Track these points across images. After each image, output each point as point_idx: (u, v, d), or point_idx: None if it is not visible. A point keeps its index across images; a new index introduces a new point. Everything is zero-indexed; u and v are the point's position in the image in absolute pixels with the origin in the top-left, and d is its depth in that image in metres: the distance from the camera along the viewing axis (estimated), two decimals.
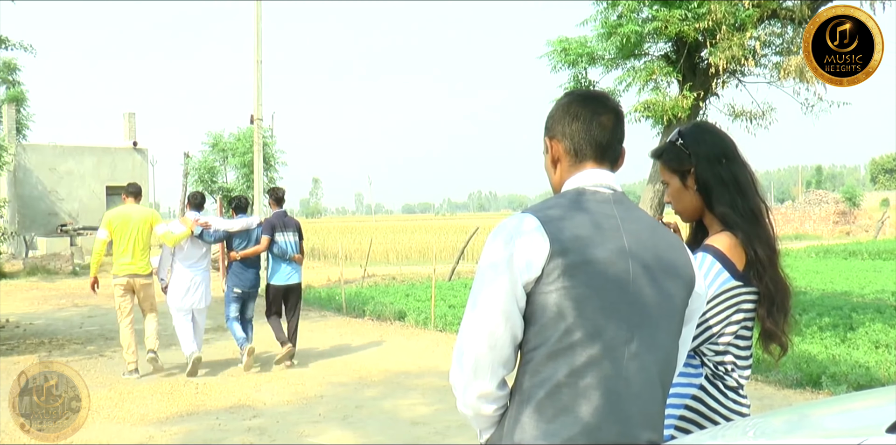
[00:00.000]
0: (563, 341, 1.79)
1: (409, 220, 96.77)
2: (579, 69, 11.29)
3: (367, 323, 12.47)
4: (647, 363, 1.86)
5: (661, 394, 1.92)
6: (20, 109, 31.96)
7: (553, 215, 1.88)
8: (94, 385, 8.15)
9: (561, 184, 2.05)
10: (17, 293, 18.14)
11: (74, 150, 30.24)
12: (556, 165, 2.06)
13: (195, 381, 8.27)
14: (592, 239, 1.85)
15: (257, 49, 17.25)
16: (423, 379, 8.28)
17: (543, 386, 1.80)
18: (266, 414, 6.95)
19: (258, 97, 17.44)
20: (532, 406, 1.80)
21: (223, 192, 28.11)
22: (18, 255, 26.75)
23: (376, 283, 18.48)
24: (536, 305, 1.81)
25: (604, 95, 2.10)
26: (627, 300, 1.85)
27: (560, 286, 1.79)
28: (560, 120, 2.05)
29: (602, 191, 1.97)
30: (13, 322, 12.78)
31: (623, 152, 2.08)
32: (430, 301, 12.45)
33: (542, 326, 1.80)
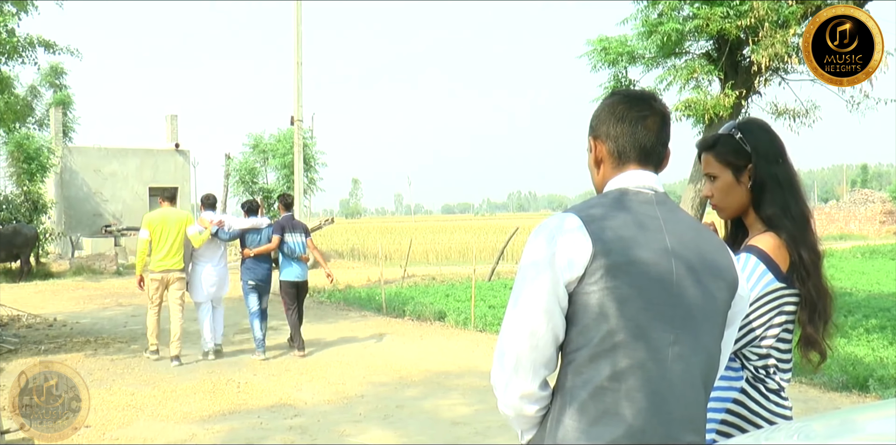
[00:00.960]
0: (606, 342, 1.78)
1: (449, 220, 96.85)
2: (619, 68, 11.22)
3: (407, 323, 12.50)
4: (690, 365, 1.84)
5: (704, 396, 1.90)
6: (66, 112, 32.54)
7: (596, 214, 1.86)
8: (137, 383, 8.28)
9: (603, 184, 2.03)
10: (63, 292, 18.46)
11: (118, 152, 30.71)
12: (600, 165, 2.04)
13: (237, 380, 8.36)
14: (635, 239, 1.84)
15: (297, 51, 17.36)
16: (463, 379, 8.28)
17: (586, 387, 1.79)
18: (307, 413, 7.00)
19: (298, 99, 17.55)
20: (575, 407, 1.79)
21: (264, 193, 28.36)
22: (65, 255, 27.24)
23: (416, 283, 18.52)
24: (579, 305, 1.80)
25: (651, 95, 2.06)
26: (671, 301, 1.83)
27: (603, 287, 1.77)
28: (605, 121, 2.02)
29: (645, 192, 1.95)
30: (60, 321, 13.01)
31: (668, 154, 2.06)
32: (470, 302, 12.44)
33: (585, 326, 1.79)
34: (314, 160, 28.67)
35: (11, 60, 9.95)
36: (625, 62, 11.04)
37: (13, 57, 9.87)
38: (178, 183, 31.07)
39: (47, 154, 25.48)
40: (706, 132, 9.85)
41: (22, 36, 9.87)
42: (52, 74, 33.17)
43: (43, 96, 33.13)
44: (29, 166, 24.57)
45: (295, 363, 9.21)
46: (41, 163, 25.00)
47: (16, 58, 9.92)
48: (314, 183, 28.92)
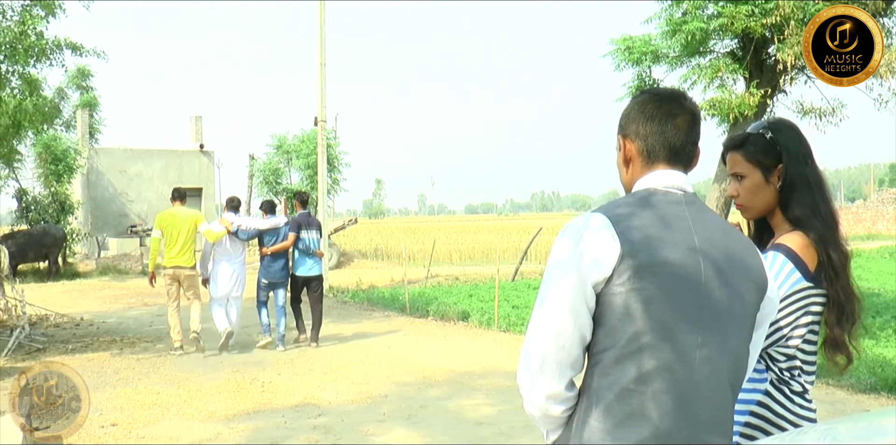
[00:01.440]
0: (633, 343, 1.77)
1: (472, 220, 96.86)
2: (643, 68, 11.18)
3: (430, 323, 12.52)
4: (718, 367, 1.83)
5: (731, 399, 1.89)
6: (93, 113, 32.78)
7: (623, 214, 1.85)
8: (163, 382, 8.34)
9: (632, 183, 2.01)
10: (90, 291, 18.66)
11: (143, 153, 30.95)
12: (629, 164, 2.03)
13: (261, 380, 8.40)
14: (663, 240, 1.82)
15: (321, 52, 17.41)
16: (487, 380, 8.28)
17: (612, 389, 1.78)
18: (331, 413, 7.02)
19: (322, 99, 17.61)
20: (601, 408, 1.79)
21: (287, 193, 28.47)
22: (91, 255, 27.48)
23: (440, 283, 18.54)
24: (606, 306, 1.79)
25: (681, 94, 2.04)
26: (699, 303, 1.82)
27: (630, 288, 1.76)
28: (635, 119, 2.01)
29: (673, 192, 1.94)
30: (87, 321, 13.15)
31: (698, 154, 2.04)
32: (494, 302, 12.44)
33: (612, 327, 1.78)
34: (338, 161, 28.72)
35: (40, 63, 10.06)
36: (649, 61, 10.99)
37: (41, 59, 9.99)
38: (203, 184, 31.27)
39: (74, 155, 25.73)
40: (731, 132, 9.79)
41: (50, 38, 9.98)
42: (78, 76, 33.40)
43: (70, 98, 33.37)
44: (56, 168, 24.83)
45: (319, 363, 9.24)
46: (68, 164, 25.26)
47: (44, 60, 10.03)
48: (338, 183, 28.97)
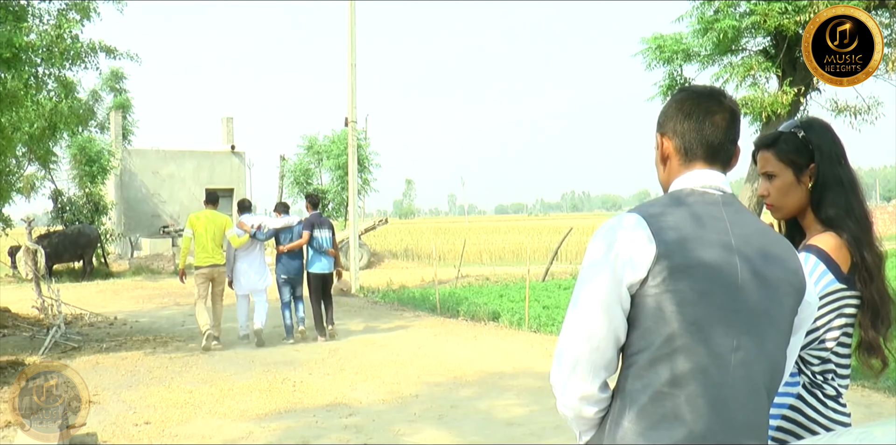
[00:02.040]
0: (668, 346, 1.75)
1: (502, 220, 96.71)
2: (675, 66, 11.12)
3: (461, 323, 12.52)
4: (753, 371, 1.81)
5: (767, 404, 1.87)
6: (126, 115, 33.12)
7: (659, 215, 1.83)
8: (195, 381, 8.42)
9: (669, 182, 1.99)
10: (123, 291, 18.87)
11: (176, 154, 31.22)
12: (666, 162, 2.00)
13: (292, 379, 8.45)
14: (699, 241, 1.80)
15: (351, 53, 17.46)
16: (518, 380, 8.27)
17: (646, 391, 1.77)
18: (362, 413, 7.05)
19: (352, 100, 17.66)
20: (634, 410, 1.78)
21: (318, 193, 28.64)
22: (124, 255, 27.81)
23: (470, 283, 18.54)
24: (640, 307, 1.77)
25: (720, 92, 2.01)
26: (735, 306, 1.80)
27: (665, 290, 1.75)
28: (672, 117, 1.99)
29: (711, 192, 1.91)
30: (121, 320, 13.30)
31: (737, 153, 2.01)
32: (525, 302, 12.42)
33: (646, 329, 1.77)
34: (368, 161, 28.83)
35: (75, 66, 10.19)
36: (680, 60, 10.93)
37: (77, 62, 10.11)
38: (234, 184, 31.48)
39: (108, 157, 26.03)
40: (763, 130, 9.71)
41: (85, 41, 10.11)
42: (112, 78, 33.77)
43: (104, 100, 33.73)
44: (90, 169, 25.14)
45: (350, 363, 9.28)
46: (102, 165, 25.56)
47: (79, 63, 10.16)
48: (368, 184, 29.09)
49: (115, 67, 33.55)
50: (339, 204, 28.81)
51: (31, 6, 10.00)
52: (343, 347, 10.38)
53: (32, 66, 9.88)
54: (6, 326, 12.45)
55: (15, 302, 14.95)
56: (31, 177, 24.12)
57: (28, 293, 14.04)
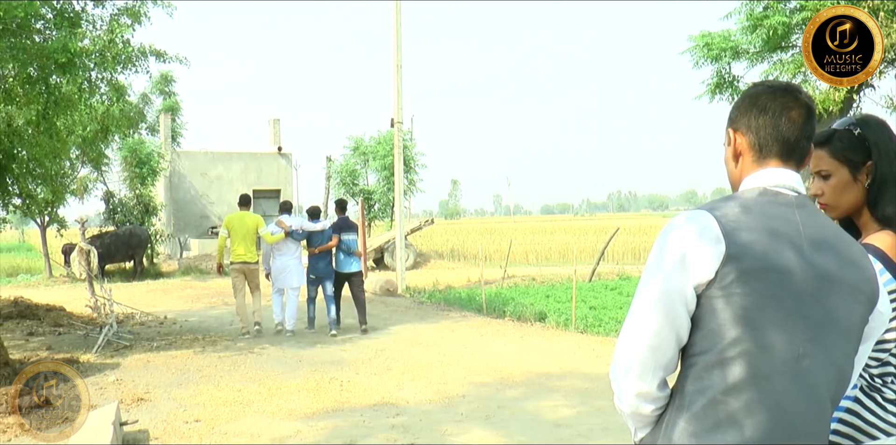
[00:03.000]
0: (731, 350, 1.72)
1: (548, 220, 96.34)
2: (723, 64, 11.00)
3: (507, 324, 12.50)
4: (818, 380, 1.76)
5: (829, 413, 1.82)
6: (175, 118, 33.61)
7: (730, 214, 1.78)
8: (244, 380, 8.51)
9: (740, 180, 1.93)
10: (173, 291, 19.15)
11: (223, 155, 31.61)
12: (738, 159, 1.95)
13: (339, 379, 8.50)
14: (771, 245, 1.75)
15: (397, 54, 17.51)
16: (565, 381, 8.23)
17: (705, 394, 1.74)
18: (409, 412, 7.07)
19: (398, 101, 17.70)
20: (692, 412, 1.75)
21: (364, 194, 28.76)
22: (174, 255, 28.23)
23: (516, 284, 18.49)
24: (706, 309, 1.74)
25: (796, 87, 1.95)
26: (803, 313, 1.75)
27: (733, 292, 1.71)
28: (746, 111, 1.93)
29: (785, 193, 1.86)
30: (171, 319, 13.50)
31: (811, 151, 1.95)
32: (571, 302, 12.36)
33: (710, 331, 1.74)
34: (414, 162, 28.90)
35: (126, 70, 10.36)
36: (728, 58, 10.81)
37: (128, 66, 10.29)
38: (281, 185, 31.79)
39: (157, 159, 26.41)
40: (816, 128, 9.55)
41: (136, 46, 10.28)
42: (162, 81, 34.30)
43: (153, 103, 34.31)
44: (141, 171, 25.51)
45: (397, 363, 9.31)
46: (152, 167, 25.93)
47: (130, 67, 10.34)
48: (414, 184, 29.17)
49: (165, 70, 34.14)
50: (385, 205, 28.93)
51: (84, 12, 10.20)
52: (390, 347, 10.42)
53: (86, 70, 10.07)
54: (62, 324, 12.72)
55: (69, 301, 15.28)
56: (84, 179, 24.66)
57: (82, 292, 14.33)
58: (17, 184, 12.66)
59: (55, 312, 13.75)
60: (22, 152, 11.89)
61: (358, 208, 21.27)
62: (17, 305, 13.77)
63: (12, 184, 12.55)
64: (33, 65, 9.60)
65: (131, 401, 7.62)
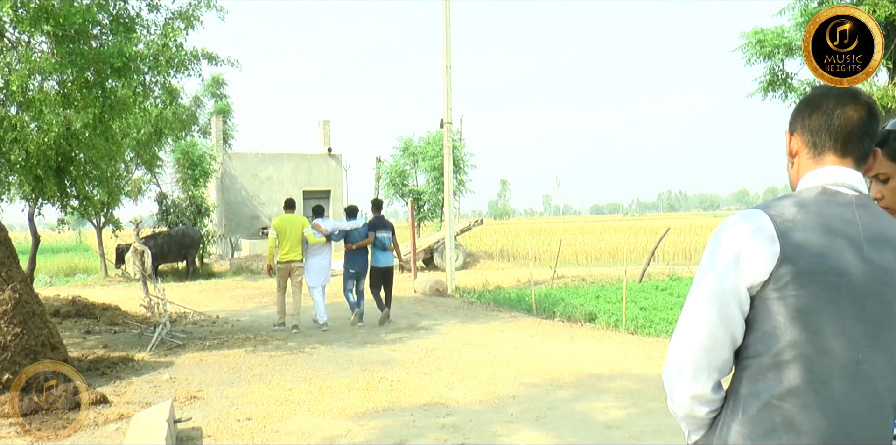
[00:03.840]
0: (787, 353, 1.69)
1: (598, 220, 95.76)
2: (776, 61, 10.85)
3: (557, 324, 12.46)
4: (877, 386, 1.72)
5: (892, 418, 1.77)
6: (226, 120, 34.05)
7: (786, 214, 1.74)
8: (295, 379, 8.60)
9: (797, 180, 1.90)
10: (224, 291, 19.40)
11: (274, 157, 31.89)
12: (794, 159, 1.92)
13: (389, 378, 8.55)
14: (829, 246, 1.71)
15: (446, 54, 17.52)
16: (615, 382, 8.19)
17: (761, 396, 1.72)
18: (459, 413, 7.09)
19: (447, 101, 17.71)
20: (747, 415, 1.73)
21: (414, 195, 28.84)
22: (225, 256, 28.59)
23: (566, 284, 18.42)
24: (760, 310, 1.71)
25: (857, 90, 1.91)
26: (862, 316, 1.71)
27: (788, 294, 1.68)
28: (801, 111, 1.91)
29: (844, 192, 1.81)
30: (222, 318, 13.69)
31: (875, 152, 1.91)
32: (621, 303, 12.29)
33: (765, 334, 1.71)
34: (463, 162, 28.92)
35: (179, 73, 10.55)
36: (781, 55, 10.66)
37: (181, 70, 10.48)
38: (331, 186, 32.00)
39: (209, 160, 26.76)
40: None
41: (188, 50, 10.47)
42: (213, 84, 34.79)
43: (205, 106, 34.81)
44: (193, 172, 25.87)
45: (447, 363, 9.34)
46: (204, 169, 26.28)
47: (183, 71, 10.53)
48: (463, 185, 29.19)
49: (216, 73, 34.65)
50: (435, 205, 28.99)
51: (139, 17, 10.41)
52: (440, 347, 10.44)
53: (140, 74, 10.29)
54: (117, 323, 12.97)
55: (124, 300, 15.58)
56: (138, 181, 25.12)
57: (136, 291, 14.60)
58: (75, 186, 12.92)
59: (111, 311, 14.03)
60: (79, 155, 12.16)
61: (408, 208, 21.34)
62: (75, 304, 14.08)
63: (70, 186, 12.82)
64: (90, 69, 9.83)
65: (185, 399, 7.74)
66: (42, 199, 13.35)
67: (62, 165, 11.85)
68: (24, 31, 9.55)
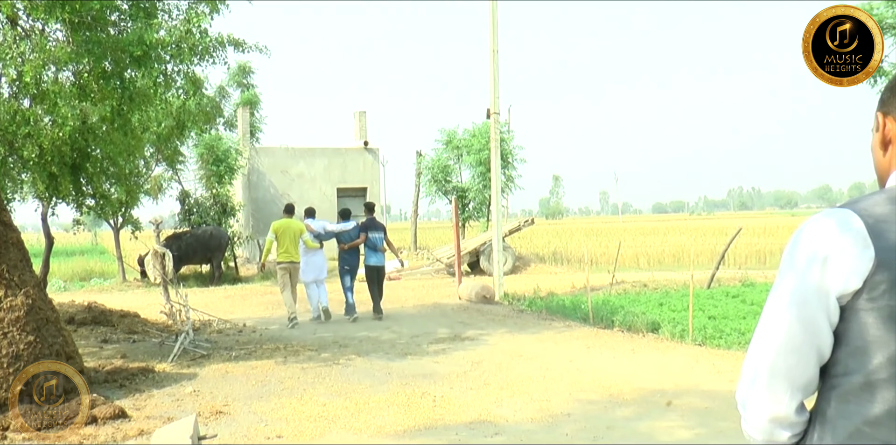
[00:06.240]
0: (883, 371, 1.62)
1: (661, 220, 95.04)
2: None
3: (616, 335, 12.39)
4: None
5: None
6: (253, 112, 34.36)
7: (880, 214, 1.67)
8: (329, 394, 8.65)
9: (888, 172, 1.81)
10: (252, 297, 19.56)
11: (305, 152, 32.06)
12: (887, 148, 1.82)
13: (432, 393, 8.57)
14: None
15: (493, 37, 17.42)
16: (682, 399, 8.12)
17: (852, 419, 1.66)
18: (508, 432, 7.08)
19: (494, 90, 17.65)
20: (836, 441, 1.68)
21: (458, 192, 28.87)
22: (253, 259, 28.78)
23: (626, 290, 18.30)
24: (852, 322, 1.65)
25: None
26: None
27: (885, 304, 1.61)
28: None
29: None
30: (250, 327, 13.82)
31: None
32: (688, 312, 12.18)
33: (858, 348, 1.65)
34: (512, 156, 28.90)
35: (203, 61, 10.62)
36: None
37: (205, 58, 10.55)
38: (367, 183, 32.11)
39: (235, 156, 26.89)
40: None
41: (213, 36, 10.54)
42: (239, 73, 35.14)
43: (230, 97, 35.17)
44: (218, 169, 26.06)
45: (495, 377, 9.33)
46: (229, 165, 26.46)
47: (207, 58, 10.59)
48: (512, 181, 29.20)
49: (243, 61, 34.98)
50: (481, 203, 29.01)
51: (161, 2, 10.52)
52: (486, 359, 10.44)
53: (162, 63, 10.38)
54: (136, 331, 13.16)
55: (144, 307, 15.78)
56: (158, 178, 25.41)
57: (156, 297, 14.76)
58: (91, 184, 13.12)
59: (130, 318, 14.22)
60: (96, 151, 12.35)
61: (451, 207, 21.37)
62: (91, 310, 14.28)
63: (86, 184, 13.02)
64: (108, 59, 9.97)
65: (210, 414, 7.83)
66: (56, 198, 13.59)
67: (78, 162, 12.04)
68: (38, 18, 9.70)
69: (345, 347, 11.58)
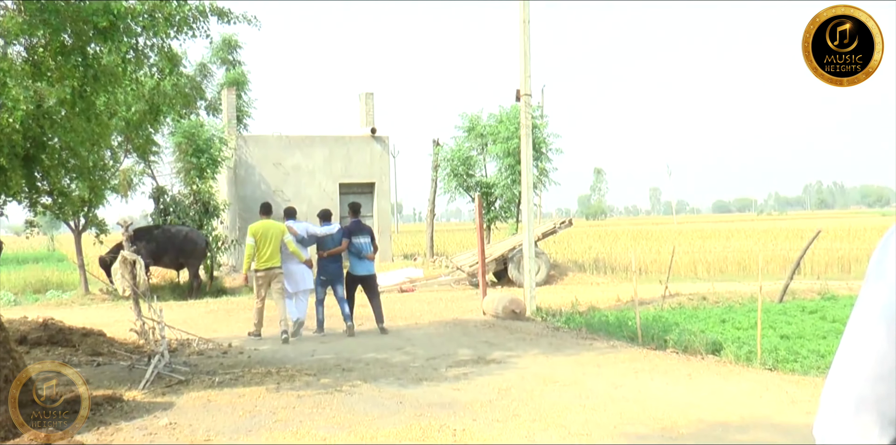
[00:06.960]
0: None
1: (723, 221, 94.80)
2: None
3: (669, 357, 12.36)
4: None
5: None
6: (241, 94, 34.42)
7: None
8: (330, 426, 8.65)
9: None
10: (238, 311, 19.59)
11: (302, 141, 31.99)
12: None
13: (451, 426, 8.55)
14: None
15: (523, 6, 17.34)
16: (748, 434, 8.10)
17: None
18: None
19: (525, 67, 17.48)
20: None
21: (482, 188, 28.80)
22: (239, 267, 28.78)
23: (681, 304, 18.27)
24: None
25: None
26: None
27: None
28: None
29: None
30: (236, 348, 13.83)
31: None
32: (755, 330, 12.14)
33: None
34: (545, 146, 28.84)
35: (181, 34, 10.58)
36: None
37: (183, 30, 10.51)
38: (375, 178, 32.01)
39: (219, 145, 26.87)
40: None
41: (193, 4, 10.53)
42: (224, 48, 35.23)
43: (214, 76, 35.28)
44: (198, 161, 26.04)
45: (525, 407, 9.32)
46: (212, 156, 26.48)
47: (186, 30, 10.56)
48: (546, 175, 29.15)
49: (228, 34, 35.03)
50: (509, 201, 28.97)
51: None
52: (516, 385, 10.43)
53: (132, 36, 10.33)
54: (101, 353, 13.15)
55: (110, 324, 15.82)
56: (128, 172, 25.46)
57: (125, 312, 14.83)
58: (48, 179, 13.08)
59: (93, 337, 14.18)
60: (53, 140, 12.33)
61: (474, 205, 21.35)
62: (48, 328, 14.21)
63: (41, 179, 12.98)
64: (67, 31, 9.96)
65: None
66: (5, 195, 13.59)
67: (31, 153, 12.04)
68: None
69: (349, 371, 11.58)
